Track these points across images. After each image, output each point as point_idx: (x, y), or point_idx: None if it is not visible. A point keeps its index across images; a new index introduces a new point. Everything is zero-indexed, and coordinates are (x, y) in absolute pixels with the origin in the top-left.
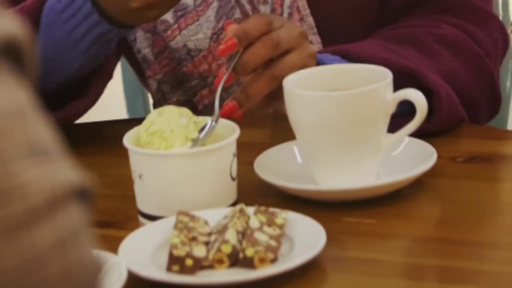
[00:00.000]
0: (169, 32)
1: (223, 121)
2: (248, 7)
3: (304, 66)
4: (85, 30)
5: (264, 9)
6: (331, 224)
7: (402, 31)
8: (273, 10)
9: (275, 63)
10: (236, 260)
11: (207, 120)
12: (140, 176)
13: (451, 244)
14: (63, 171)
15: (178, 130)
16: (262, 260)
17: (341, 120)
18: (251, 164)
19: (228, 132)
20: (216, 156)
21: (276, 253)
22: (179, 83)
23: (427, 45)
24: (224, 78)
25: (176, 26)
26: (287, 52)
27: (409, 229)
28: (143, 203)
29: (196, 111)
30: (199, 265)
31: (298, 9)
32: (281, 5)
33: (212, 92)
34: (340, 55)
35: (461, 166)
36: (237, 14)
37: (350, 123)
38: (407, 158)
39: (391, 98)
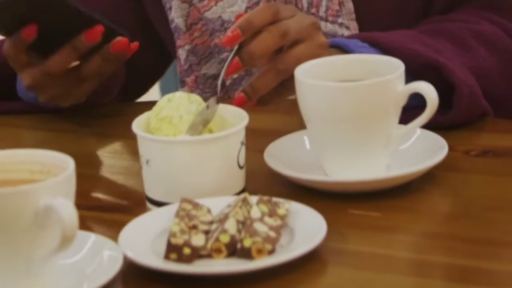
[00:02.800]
0: (205, 1)
1: (232, 108)
2: None
3: (314, 57)
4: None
5: None
6: (337, 216)
7: (440, 25)
8: None
9: (282, 56)
10: (234, 250)
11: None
12: (147, 162)
13: (458, 241)
14: None
15: (187, 116)
16: (260, 251)
17: (351, 111)
18: (261, 151)
19: (237, 120)
20: (224, 143)
21: (275, 244)
22: (208, 56)
23: (463, 40)
24: (228, 63)
25: None
26: (296, 42)
27: (416, 224)
28: (150, 189)
29: (224, 85)
30: (196, 254)
31: None
32: None
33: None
34: (368, 42)
35: (474, 160)
36: None
37: (360, 114)
38: (418, 150)
39: (402, 90)
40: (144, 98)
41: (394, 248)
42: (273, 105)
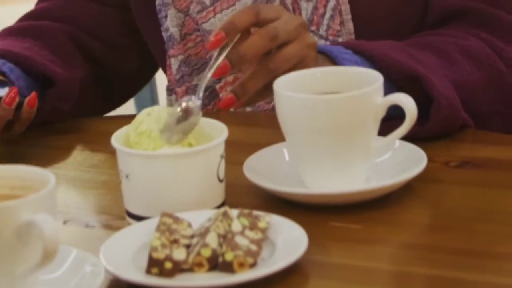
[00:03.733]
0: (204, 13)
1: (211, 121)
2: (289, 0)
3: (302, 57)
4: None
5: (306, 5)
6: (317, 228)
7: (426, 38)
8: (315, 9)
9: (271, 56)
10: (216, 264)
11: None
12: (127, 176)
13: (439, 252)
14: None
15: None
16: (241, 265)
17: (330, 123)
18: (241, 164)
19: (217, 133)
20: (203, 157)
21: (256, 257)
22: (200, 67)
23: (448, 54)
24: (215, 65)
25: (211, 8)
26: (285, 43)
27: (396, 236)
28: (130, 203)
29: (217, 98)
30: (178, 268)
31: (340, 13)
32: (325, 6)
33: (238, 79)
34: (352, 49)
35: (453, 171)
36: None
37: (339, 127)
38: (397, 162)
39: (381, 102)
40: (119, 111)
41: (376, 260)
42: (253, 105)
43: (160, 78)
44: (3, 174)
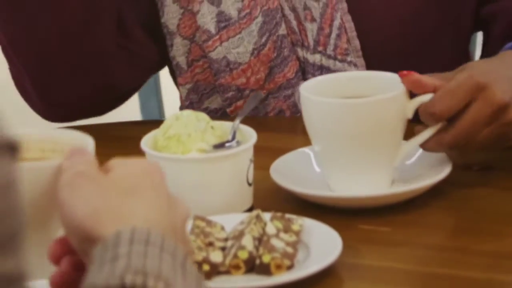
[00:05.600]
0: (210, 42)
1: (241, 127)
2: (294, 23)
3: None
4: None
5: (311, 26)
6: (347, 231)
7: None
8: (320, 29)
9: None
10: (253, 266)
11: (225, 125)
12: None
13: (468, 254)
14: None
15: (195, 134)
16: (279, 267)
17: (357, 128)
18: (267, 169)
19: (246, 138)
20: (233, 161)
21: (293, 260)
22: (209, 92)
23: None
24: (240, 118)
25: (217, 37)
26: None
27: (425, 238)
28: None
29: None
30: (215, 270)
31: (345, 31)
32: (330, 25)
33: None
34: None
35: (476, 175)
36: (282, 30)
37: (366, 131)
38: (422, 166)
39: (408, 105)
40: (124, 116)
41: (407, 262)
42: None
43: (164, 77)
44: (35, 137)
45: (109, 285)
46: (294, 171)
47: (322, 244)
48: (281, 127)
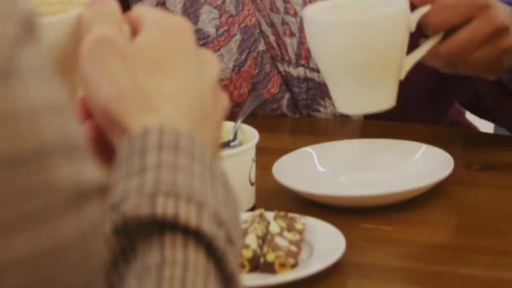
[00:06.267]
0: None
1: (243, 126)
2: (272, 38)
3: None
4: None
5: (291, 41)
6: (349, 230)
7: None
8: (300, 44)
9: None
10: (257, 264)
11: (226, 125)
12: None
13: (471, 252)
14: (89, 169)
15: None
16: (283, 265)
17: (362, 44)
18: (269, 169)
19: (247, 138)
20: (235, 161)
21: (297, 258)
22: None
23: None
24: (241, 119)
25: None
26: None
27: (428, 236)
28: None
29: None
30: None
31: None
32: None
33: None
34: None
35: (476, 174)
36: (261, 46)
37: (371, 47)
38: (424, 165)
39: (411, 18)
40: None
41: (410, 260)
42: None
43: None
44: None
45: (139, 216)
46: (296, 170)
47: (326, 243)
48: (283, 127)
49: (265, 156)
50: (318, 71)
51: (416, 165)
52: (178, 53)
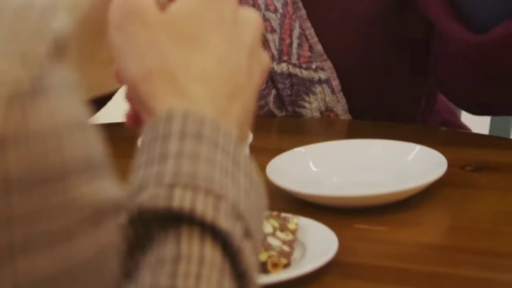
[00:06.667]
0: None
1: None
2: None
3: None
4: None
5: (272, 37)
6: (342, 230)
7: None
8: (282, 40)
9: None
10: None
11: None
12: None
13: (462, 252)
14: (109, 187)
15: None
16: (275, 265)
17: None
18: (263, 168)
19: None
20: None
21: (289, 258)
22: None
23: None
24: None
25: None
26: None
27: (421, 237)
28: None
29: None
30: None
31: (306, 38)
32: (290, 35)
33: None
34: None
35: (470, 175)
36: None
37: None
38: (418, 166)
39: None
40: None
41: (403, 261)
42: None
43: None
44: None
45: (156, 207)
46: (290, 170)
47: (318, 243)
48: (276, 127)
49: (259, 156)
50: (300, 66)
51: (409, 165)
52: (213, 22)
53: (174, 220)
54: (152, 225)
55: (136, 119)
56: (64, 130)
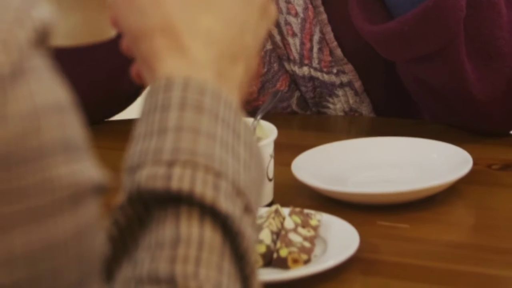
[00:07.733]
0: None
1: (262, 123)
2: (278, 38)
3: None
4: None
5: (293, 41)
6: (365, 227)
7: None
8: (302, 44)
9: None
10: (270, 260)
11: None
12: None
13: (484, 251)
14: (88, 168)
15: None
16: (296, 261)
17: None
18: (288, 165)
19: (266, 134)
20: None
21: (310, 254)
22: None
23: None
24: (260, 115)
25: None
26: None
27: (443, 235)
28: None
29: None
30: None
31: (327, 43)
32: (310, 40)
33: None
34: None
35: (496, 174)
36: (268, 45)
37: None
38: (443, 164)
39: None
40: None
41: (425, 258)
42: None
43: None
44: None
45: (154, 188)
46: (314, 167)
47: (340, 239)
48: (304, 125)
49: (285, 152)
50: (321, 70)
51: (434, 163)
52: None
53: (174, 200)
54: (151, 205)
55: (140, 74)
56: (42, 112)
